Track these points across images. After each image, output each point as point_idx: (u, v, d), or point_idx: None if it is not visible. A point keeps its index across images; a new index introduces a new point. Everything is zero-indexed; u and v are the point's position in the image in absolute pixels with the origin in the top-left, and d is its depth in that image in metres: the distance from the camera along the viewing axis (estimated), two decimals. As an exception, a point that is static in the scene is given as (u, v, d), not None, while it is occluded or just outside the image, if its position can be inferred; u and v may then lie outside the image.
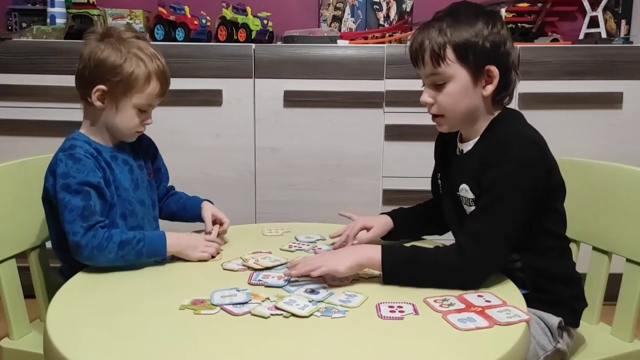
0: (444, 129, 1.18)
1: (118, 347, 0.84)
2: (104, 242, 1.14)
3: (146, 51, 1.24)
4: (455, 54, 1.09)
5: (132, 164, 1.32)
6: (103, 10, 2.44)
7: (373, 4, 2.59)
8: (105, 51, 1.22)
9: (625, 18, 2.52)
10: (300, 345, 0.86)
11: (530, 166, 1.07)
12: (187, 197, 1.46)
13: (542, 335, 1.11)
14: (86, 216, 1.16)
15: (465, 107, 1.13)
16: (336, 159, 2.24)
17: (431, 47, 1.10)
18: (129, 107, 1.24)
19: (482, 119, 1.15)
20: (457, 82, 1.11)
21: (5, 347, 1.24)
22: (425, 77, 1.15)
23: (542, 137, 1.13)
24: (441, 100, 1.13)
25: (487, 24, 1.10)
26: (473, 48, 1.09)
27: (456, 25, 1.09)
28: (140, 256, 1.16)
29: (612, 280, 1.31)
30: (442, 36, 1.09)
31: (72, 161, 1.19)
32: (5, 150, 2.13)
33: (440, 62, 1.10)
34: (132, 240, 1.15)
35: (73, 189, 1.17)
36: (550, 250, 1.14)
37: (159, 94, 1.27)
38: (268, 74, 2.19)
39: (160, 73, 1.25)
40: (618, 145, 2.18)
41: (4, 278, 1.24)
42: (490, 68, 1.10)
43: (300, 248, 1.29)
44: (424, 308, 0.97)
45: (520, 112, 1.19)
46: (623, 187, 1.27)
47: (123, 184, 1.27)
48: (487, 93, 1.12)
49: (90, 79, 1.23)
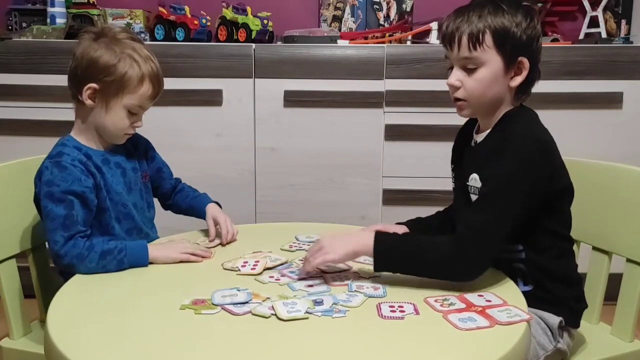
0: (465, 113, 1.17)
1: (118, 347, 0.84)
2: (85, 252, 1.14)
3: (141, 53, 1.24)
4: (494, 40, 1.09)
5: (126, 166, 1.32)
6: (103, 10, 2.44)
7: (373, 4, 2.59)
8: (99, 50, 1.22)
9: (625, 18, 2.52)
10: (300, 345, 0.86)
11: (530, 164, 1.06)
12: (194, 196, 1.45)
13: (543, 335, 1.11)
14: (67, 225, 1.16)
15: (492, 94, 1.13)
16: (336, 159, 2.24)
17: (470, 30, 1.10)
18: (120, 108, 1.24)
19: (502, 111, 1.15)
20: (489, 68, 1.10)
21: (5, 347, 1.24)
22: (456, 60, 1.14)
23: (552, 139, 1.13)
24: (469, 85, 1.12)
25: (526, 17, 1.10)
26: (512, 37, 1.09)
27: (497, 12, 1.10)
28: (121, 265, 1.16)
29: (612, 280, 1.31)
30: (482, 21, 1.09)
31: (57, 169, 1.19)
32: (5, 150, 2.13)
33: (477, 46, 1.10)
34: (113, 250, 1.15)
35: (56, 198, 1.17)
36: (553, 249, 1.14)
37: (151, 97, 1.26)
38: (268, 74, 2.19)
39: (153, 75, 1.25)
40: (618, 145, 2.18)
41: (4, 278, 1.24)
42: (523, 60, 1.11)
43: (301, 248, 1.29)
44: (424, 308, 0.97)
45: (535, 112, 1.18)
46: (623, 187, 1.27)
47: (115, 188, 1.27)
48: (514, 84, 1.12)
49: (83, 77, 1.23)
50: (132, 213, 1.30)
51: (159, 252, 1.20)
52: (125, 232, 1.28)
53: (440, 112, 2.18)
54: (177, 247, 1.23)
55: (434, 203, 2.21)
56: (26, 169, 1.32)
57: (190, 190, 1.47)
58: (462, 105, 1.16)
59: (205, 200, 1.43)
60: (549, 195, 1.10)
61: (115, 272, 1.14)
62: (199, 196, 1.46)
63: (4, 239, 1.25)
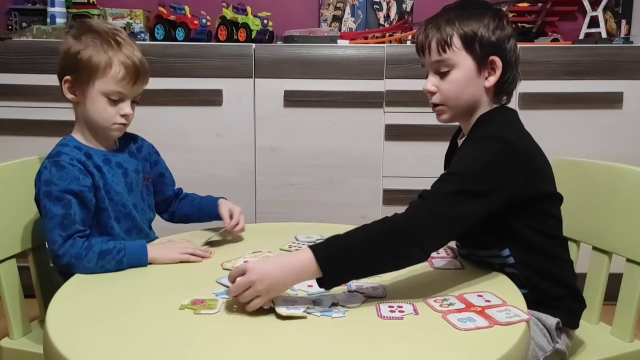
0: (444, 118, 1.18)
1: (118, 347, 0.84)
2: (83, 252, 1.14)
3: (111, 39, 1.23)
4: (462, 42, 1.11)
5: (127, 167, 1.32)
6: (103, 10, 2.44)
7: (373, 4, 2.59)
8: (70, 42, 1.23)
9: (625, 18, 2.52)
10: (300, 345, 0.86)
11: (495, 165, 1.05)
12: (201, 197, 1.46)
13: (541, 336, 1.11)
14: (65, 225, 1.16)
15: (467, 96, 1.14)
16: (336, 159, 2.24)
17: (439, 35, 1.12)
18: (97, 95, 1.23)
19: (479, 111, 1.16)
20: (461, 69, 1.12)
21: (5, 346, 1.24)
22: (429, 65, 1.16)
23: (528, 142, 1.12)
24: (444, 88, 1.14)
25: (494, 18, 1.13)
26: (480, 38, 1.11)
27: (464, 16, 1.12)
28: (120, 265, 1.15)
29: (612, 280, 1.31)
30: (450, 25, 1.12)
31: (55, 168, 1.19)
32: (5, 150, 2.14)
33: (446, 49, 1.12)
34: (112, 250, 1.15)
35: (54, 197, 1.17)
36: (542, 250, 1.13)
37: (125, 80, 1.22)
38: (268, 73, 2.19)
39: (124, 58, 1.22)
40: (618, 145, 2.18)
41: (4, 278, 1.24)
42: (494, 59, 1.12)
43: (300, 248, 1.29)
44: (424, 308, 0.97)
45: (515, 112, 1.19)
46: (623, 187, 1.27)
47: (115, 188, 1.27)
48: (489, 84, 1.13)
49: (61, 72, 1.25)
50: (132, 213, 1.30)
51: (158, 252, 1.20)
52: (124, 232, 1.28)
53: (440, 112, 2.18)
54: (176, 247, 1.22)
55: (434, 203, 2.23)
56: (26, 169, 1.32)
57: (196, 195, 1.47)
58: (439, 110, 1.17)
59: (215, 198, 1.44)
60: (525, 199, 1.09)
61: (114, 272, 1.14)
62: (207, 197, 1.46)
63: (4, 239, 1.25)
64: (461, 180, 1.04)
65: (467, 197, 1.03)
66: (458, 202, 1.02)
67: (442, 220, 1.01)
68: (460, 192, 1.03)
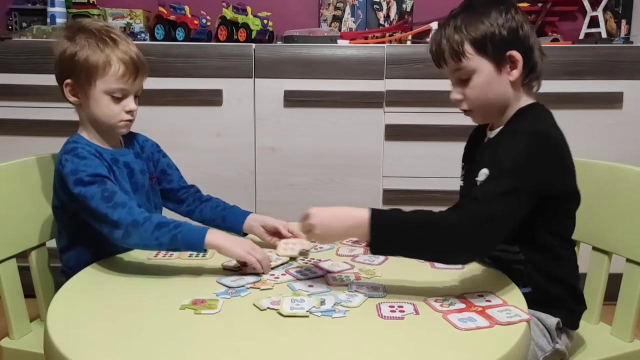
0: (478, 121, 1.20)
1: (118, 347, 0.84)
2: (141, 219, 1.11)
3: (105, 36, 1.21)
4: (474, 48, 1.10)
5: (134, 167, 1.32)
6: (103, 10, 2.44)
7: (373, 4, 2.59)
8: (65, 44, 1.22)
9: (625, 18, 2.52)
10: (300, 345, 0.86)
11: (536, 158, 1.05)
12: (225, 206, 1.41)
13: (541, 336, 1.11)
14: (107, 197, 1.14)
15: (494, 96, 1.13)
16: (336, 159, 2.24)
17: (450, 46, 1.11)
18: (100, 95, 1.22)
19: (513, 106, 1.15)
20: (481, 73, 1.11)
21: (5, 346, 1.24)
22: (450, 75, 1.16)
23: (564, 140, 1.12)
24: (469, 94, 1.14)
25: (500, 13, 1.11)
26: (491, 38, 1.10)
27: (470, 19, 1.11)
28: (174, 241, 1.11)
29: (612, 280, 1.31)
30: (458, 33, 1.11)
31: (77, 158, 1.19)
32: (5, 150, 2.13)
33: (460, 58, 1.11)
34: (170, 223, 1.12)
35: (86, 181, 1.15)
36: (553, 252, 1.14)
37: (125, 76, 1.21)
38: (268, 74, 2.19)
39: (122, 55, 1.21)
40: (618, 145, 2.18)
41: (4, 278, 1.24)
42: (512, 53, 1.11)
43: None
44: (424, 308, 0.97)
45: (550, 111, 1.18)
46: (623, 187, 1.27)
47: (124, 186, 1.27)
48: (513, 78, 1.12)
49: (60, 76, 1.24)
50: None
51: (225, 241, 1.12)
52: None
53: (440, 112, 2.18)
54: (245, 244, 1.14)
55: (434, 203, 2.22)
56: (26, 169, 1.32)
57: (220, 202, 1.43)
58: (470, 114, 1.18)
59: (244, 212, 1.38)
60: (552, 196, 1.09)
61: (115, 272, 1.14)
62: (233, 207, 1.41)
63: (4, 239, 1.25)
64: (512, 178, 1.03)
65: (518, 195, 1.03)
66: (508, 202, 1.02)
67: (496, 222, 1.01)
68: (512, 191, 1.02)
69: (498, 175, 1.05)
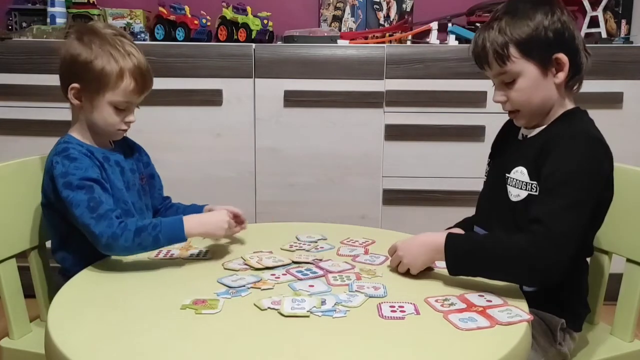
0: (522, 123, 1.17)
1: (119, 347, 0.84)
2: (119, 231, 1.13)
3: (121, 48, 1.22)
4: (519, 51, 1.08)
5: (124, 166, 1.32)
6: (103, 10, 2.44)
7: (373, 4, 2.59)
8: (78, 48, 1.22)
9: (625, 18, 2.52)
10: (301, 345, 0.86)
11: (594, 162, 1.05)
12: (186, 207, 1.44)
13: (544, 336, 1.11)
14: (93, 207, 1.15)
15: (539, 99, 1.12)
16: (336, 159, 2.24)
17: (493, 49, 1.09)
18: (105, 105, 1.22)
19: (557, 107, 1.14)
20: (526, 77, 1.10)
21: (5, 346, 1.24)
22: (493, 77, 1.15)
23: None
24: (514, 97, 1.12)
25: (546, 14, 1.08)
26: (536, 42, 1.08)
27: (515, 21, 1.08)
28: (157, 242, 1.15)
29: (612, 280, 1.31)
30: (502, 35, 1.08)
31: (68, 160, 1.19)
32: (5, 150, 2.13)
33: (505, 61, 1.09)
34: (147, 226, 1.14)
35: (75, 185, 1.16)
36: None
37: (135, 91, 1.23)
38: (268, 73, 2.19)
39: (135, 69, 1.22)
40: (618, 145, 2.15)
41: (4, 278, 1.24)
42: (558, 56, 1.09)
43: (301, 247, 1.29)
44: (425, 308, 0.97)
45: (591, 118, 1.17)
46: (623, 187, 1.26)
47: (117, 184, 1.27)
48: (559, 81, 1.11)
49: (66, 77, 1.24)
50: (132, 210, 1.30)
51: (202, 228, 1.19)
52: None
53: (440, 112, 2.18)
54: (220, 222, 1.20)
55: (434, 203, 2.23)
56: (26, 169, 1.32)
57: (181, 205, 1.46)
58: (515, 116, 1.16)
59: (200, 206, 1.42)
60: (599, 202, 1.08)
61: (116, 272, 1.14)
62: (191, 205, 1.44)
63: (4, 239, 1.25)
64: (573, 190, 1.02)
65: (581, 207, 1.02)
66: (572, 216, 1.01)
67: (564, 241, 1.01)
68: (575, 204, 1.02)
69: (557, 186, 1.04)
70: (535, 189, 1.10)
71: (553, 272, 1.01)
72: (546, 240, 1.00)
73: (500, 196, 1.17)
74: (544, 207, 1.03)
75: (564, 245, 1.01)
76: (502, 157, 1.22)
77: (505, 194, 1.16)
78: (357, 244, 1.32)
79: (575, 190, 1.02)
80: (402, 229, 1.48)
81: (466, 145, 2.18)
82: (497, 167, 1.22)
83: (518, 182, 1.13)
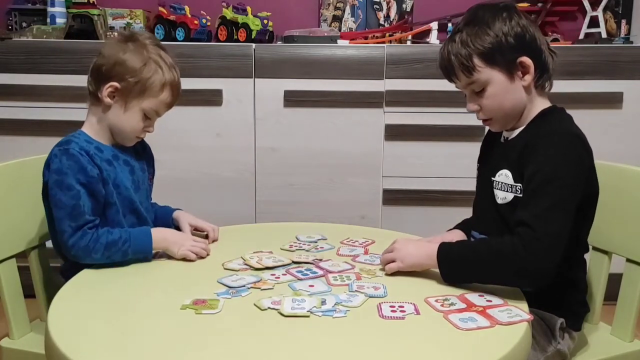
0: (496, 128, 1.19)
1: (119, 347, 0.84)
2: (91, 244, 1.17)
3: (166, 60, 1.28)
4: (483, 60, 1.10)
5: (134, 165, 1.33)
6: (103, 10, 2.43)
7: (373, 4, 2.59)
8: (128, 53, 1.25)
9: (625, 18, 2.52)
10: (301, 345, 0.86)
11: (573, 159, 1.05)
12: (159, 207, 1.45)
13: (543, 335, 1.11)
14: (75, 216, 1.18)
15: (510, 103, 1.13)
16: (336, 159, 2.24)
17: (459, 61, 1.11)
18: (137, 110, 1.26)
19: (529, 108, 1.15)
20: (494, 84, 1.11)
21: (5, 347, 1.24)
22: (463, 88, 1.16)
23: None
24: (486, 104, 1.14)
25: (504, 21, 1.10)
26: (498, 49, 1.09)
27: (475, 32, 1.10)
28: (125, 256, 1.19)
29: (612, 280, 1.31)
30: (465, 47, 1.10)
31: (65, 157, 1.20)
32: (5, 150, 2.13)
33: (471, 72, 1.11)
34: (118, 241, 1.18)
35: (64, 186, 1.18)
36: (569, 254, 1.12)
37: (168, 104, 1.29)
38: (268, 74, 2.19)
39: (174, 84, 1.28)
40: (618, 145, 2.18)
41: (4, 278, 1.24)
42: (522, 59, 1.10)
43: (301, 247, 1.29)
44: (425, 308, 0.97)
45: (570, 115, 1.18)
46: (623, 187, 1.27)
47: (124, 183, 1.28)
48: (526, 83, 1.12)
49: (106, 75, 1.25)
50: (139, 209, 1.31)
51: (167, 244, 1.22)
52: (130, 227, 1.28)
53: (440, 112, 2.18)
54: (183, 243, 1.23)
55: (434, 203, 2.23)
56: (26, 169, 1.32)
57: (156, 204, 1.46)
58: (489, 123, 1.18)
59: (171, 209, 1.43)
60: (582, 197, 1.08)
61: (116, 272, 1.15)
62: (164, 206, 1.45)
63: (4, 239, 1.25)
64: (556, 188, 1.03)
65: (565, 205, 1.03)
66: (557, 216, 1.02)
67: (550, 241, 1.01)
68: (559, 203, 1.03)
69: (540, 186, 1.04)
70: (519, 191, 1.11)
71: (543, 273, 1.02)
72: (533, 242, 1.01)
73: (489, 200, 1.18)
74: (529, 209, 1.04)
75: (552, 245, 1.01)
76: (488, 161, 1.24)
77: (493, 197, 1.17)
78: (357, 244, 1.32)
79: (557, 189, 1.03)
80: (402, 229, 1.48)
81: (466, 145, 2.18)
82: (484, 171, 1.24)
83: (504, 185, 1.15)
